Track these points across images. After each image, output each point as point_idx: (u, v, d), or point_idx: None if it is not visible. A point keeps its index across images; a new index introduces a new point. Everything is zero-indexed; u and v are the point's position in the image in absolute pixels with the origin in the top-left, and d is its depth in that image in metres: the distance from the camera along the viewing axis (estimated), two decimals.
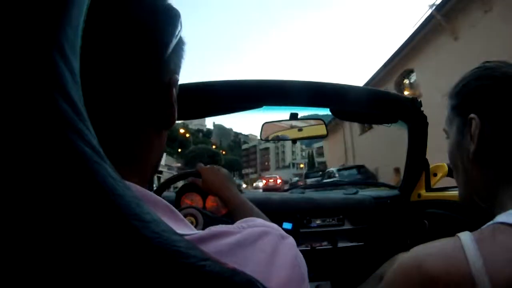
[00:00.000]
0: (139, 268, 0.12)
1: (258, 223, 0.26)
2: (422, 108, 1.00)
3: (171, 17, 0.26)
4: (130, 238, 0.12)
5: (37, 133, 0.12)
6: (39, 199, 0.12)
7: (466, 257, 0.33)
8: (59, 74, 0.13)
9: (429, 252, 0.37)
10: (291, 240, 0.27)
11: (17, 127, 0.12)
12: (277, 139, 1.04)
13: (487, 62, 0.47)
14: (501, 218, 0.37)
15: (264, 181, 21.60)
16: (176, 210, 0.26)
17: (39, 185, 0.12)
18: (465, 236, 0.36)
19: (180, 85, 0.36)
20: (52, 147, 0.12)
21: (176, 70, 0.29)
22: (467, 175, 0.46)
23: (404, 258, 0.39)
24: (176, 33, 0.27)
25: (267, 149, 64.90)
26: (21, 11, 0.12)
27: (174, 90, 0.29)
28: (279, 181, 21.62)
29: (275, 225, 0.27)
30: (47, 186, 0.12)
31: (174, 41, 0.27)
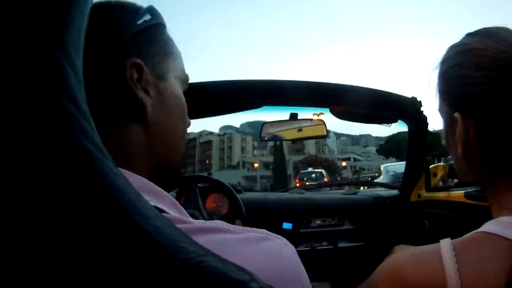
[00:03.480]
0: (139, 262, 0.13)
1: (261, 231, 0.26)
2: (422, 108, 1.00)
3: (125, 13, 0.29)
4: (131, 232, 0.13)
5: (41, 131, 0.12)
6: (44, 195, 0.12)
7: (443, 268, 0.33)
8: (63, 74, 0.13)
9: (408, 260, 0.36)
10: (293, 248, 0.26)
11: (22, 125, 0.12)
12: (277, 139, 1.04)
13: (470, 35, 0.39)
14: (488, 227, 0.35)
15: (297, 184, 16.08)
16: (178, 203, 0.26)
17: (44, 182, 0.12)
18: (445, 245, 0.35)
19: None
20: (56, 144, 0.12)
21: (142, 54, 0.29)
22: (460, 169, 0.42)
23: (384, 264, 0.39)
24: (135, 23, 0.29)
25: (209, 142, 45.45)
26: (26, 12, 0.12)
27: (129, 72, 0.28)
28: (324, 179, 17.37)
29: (278, 235, 0.27)
30: (51, 183, 0.12)
31: (131, 31, 0.28)
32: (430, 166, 1.07)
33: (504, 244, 0.32)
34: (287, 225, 1.03)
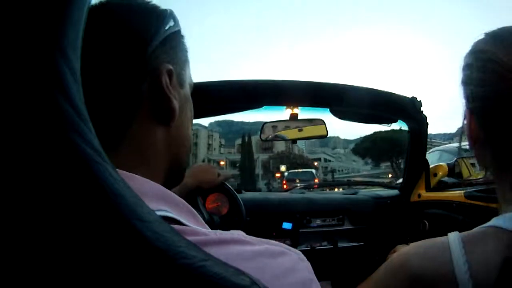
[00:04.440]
0: (138, 268, 0.12)
1: (279, 244, 0.26)
2: (422, 108, 1.00)
3: (152, 17, 0.30)
4: (130, 238, 0.12)
5: (38, 133, 0.12)
6: (39, 199, 0.12)
7: (452, 260, 0.33)
8: (60, 74, 0.13)
9: (416, 252, 0.37)
10: (308, 264, 0.26)
11: (18, 126, 0.12)
12: (277, 139, 1.04)
13: (484, 35, 0.40)
14: (496, 221, 0.35)
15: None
16: (194, 211, 0.26)
17: (40, 185, 0.12)
18: (453, 238, 0.35)
19: None
20: (53, 147, 0.12)
21: (170, 61, 0.30)
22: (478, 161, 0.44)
23: (392, 257, 0.40)
24: (163, 29, 0.29)
25: None
26: (23, 11, 0.12)
27: (164, 78, 0.28)
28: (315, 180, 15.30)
29: (295, 249, 0.27)
30: (47, 186, 0.12)
31: (160, 37, 0.29)
32: (430, 166, 1.07)
33: (511, 237, 0.32)
34: (287, 225, 1.03)
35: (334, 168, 39.56)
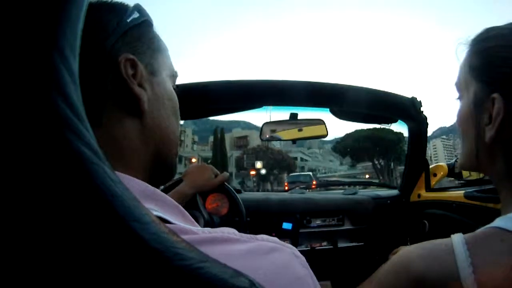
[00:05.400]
0: (134, 270, 0.12)
1: (271, 239, 0.25)
2: (422, 108, 1.00)
3: (112, 13, 0.30)
4: (128, 239, 0.12)
5: (34, 133, 0.12)
6: (36, 200, 0.12)
7: (456, 262, 0.33)
8: (58, 75, 0.13)
9: (419, 253, 0.36)
10: (303, 259, 0.26)
11: (14, 126, 0.12)
12: (277, 139, 1.04)
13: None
14: (499, 222, 0.35)
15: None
16: (184, 209, 0.26)
17: (36, 186, 0.12)
18: (457, 239, 0.35)
19: (180, 85, 0.36)
20: (50, 147, 0.12)
21: (135, 51, 0.30)
22: (474, 154, 0.40)
23: (395, 258, 0.39)
24: (125, 22, 0.30)
25: None
26: (21, 12, 0.12)
27: (124, 68, 0.28)
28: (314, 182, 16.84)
29: (288, 244, 0.26)
30: (44, 187, 0.12)
31: (121, 30, 0.29)
32: (430, 166, 1.07)
33: None
34: (287, 225, 1.03)
35: (311, 167, 39.09)
